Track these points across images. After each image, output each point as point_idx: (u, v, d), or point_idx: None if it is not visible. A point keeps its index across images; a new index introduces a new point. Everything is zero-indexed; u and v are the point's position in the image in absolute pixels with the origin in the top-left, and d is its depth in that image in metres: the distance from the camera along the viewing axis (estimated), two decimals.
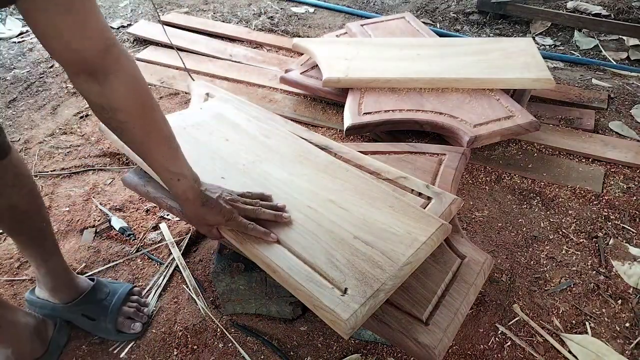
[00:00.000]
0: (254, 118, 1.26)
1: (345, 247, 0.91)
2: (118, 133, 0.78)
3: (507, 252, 1.29)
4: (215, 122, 1.24)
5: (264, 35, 2.27)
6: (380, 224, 0.95)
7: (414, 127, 1.50)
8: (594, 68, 2.11)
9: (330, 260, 0.88)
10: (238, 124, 1.24)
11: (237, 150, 1.14)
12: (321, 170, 1.08)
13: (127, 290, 1.13)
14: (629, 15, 2.41)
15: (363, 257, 0.88)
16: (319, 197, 1.01)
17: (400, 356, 1.07)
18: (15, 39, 2.24)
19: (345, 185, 1.04)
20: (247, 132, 1.21)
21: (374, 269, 0.87)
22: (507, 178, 1.51)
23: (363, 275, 0.85)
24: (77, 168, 1.56)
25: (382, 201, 1.01)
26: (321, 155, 1.13)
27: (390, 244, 0.91)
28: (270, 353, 1.07)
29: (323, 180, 1.06)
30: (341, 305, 0.81)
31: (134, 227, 1.36)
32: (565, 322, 1.13)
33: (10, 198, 0.92)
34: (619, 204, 1.41)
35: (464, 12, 2.54)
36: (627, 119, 1.75)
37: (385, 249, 0.90)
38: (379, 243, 0.91)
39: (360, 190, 1.03)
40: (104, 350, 1.07)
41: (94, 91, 0.71)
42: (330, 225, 0.95)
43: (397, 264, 0.87)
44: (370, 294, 0.83)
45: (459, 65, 1.63)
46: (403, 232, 0.94)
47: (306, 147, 1.16)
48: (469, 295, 0.98)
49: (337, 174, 1.07)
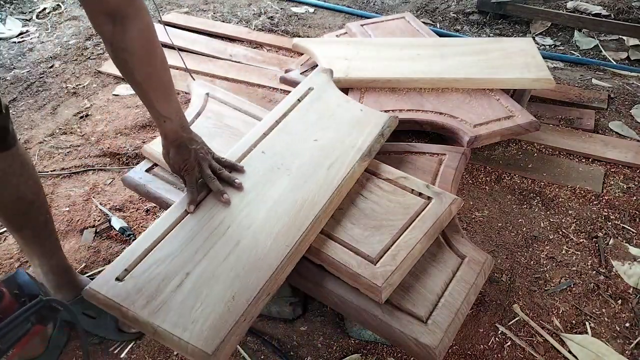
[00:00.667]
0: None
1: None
2: (122, 70, 0.88)
3: (507, 252, 1.29)
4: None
5: (264, 35, 2.27)
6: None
7: (414, 127, 1.50)
8: (594, 68, 2.11)
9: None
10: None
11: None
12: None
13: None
14: (629, 15, 2.41)
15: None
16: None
17: (400, 356, 1.07)
18: (15, 39, 2.24)
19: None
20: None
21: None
22: (507, 178, 1.51)
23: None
24: (77, 168, 1.56)
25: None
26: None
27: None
28: (270, 353, 1.07)
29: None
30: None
31: (134, 227, 1.36)
32: (565, 322, 1.13)
33: (18, 188, 0.94)
34: (619, 204, 1.41)
35: (464, 12, 2.54)
36: (627, 119, 1.75)
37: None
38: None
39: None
40: (104, 350, 1.07)
41: (108, 30, 0.81)
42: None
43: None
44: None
45: (459, 65, 1.63)
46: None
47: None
48: (469, 295, 0.98)
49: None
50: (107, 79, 1.99)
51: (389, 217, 1.07)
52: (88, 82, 1.96)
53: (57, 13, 2.46)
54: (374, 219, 1.07)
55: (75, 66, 2.05)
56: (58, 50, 2.15)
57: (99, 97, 1.88)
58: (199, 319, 0.83)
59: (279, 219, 0.99)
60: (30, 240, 1.03)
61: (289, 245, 0.94)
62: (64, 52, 2.14)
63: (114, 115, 1.78)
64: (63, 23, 2.37)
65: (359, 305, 0.97)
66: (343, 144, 1.17)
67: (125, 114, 1.77)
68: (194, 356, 0.80)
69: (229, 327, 0.82)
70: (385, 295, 0.94)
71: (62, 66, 2.05)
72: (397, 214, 1.08)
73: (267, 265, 0.91)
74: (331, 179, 1.08)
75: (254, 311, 0.86)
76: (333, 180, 1.08)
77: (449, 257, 1.05)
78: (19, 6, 2.50)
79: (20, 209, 0.96)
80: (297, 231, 0.97)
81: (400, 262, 0.97)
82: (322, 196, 1.04)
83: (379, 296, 0.93)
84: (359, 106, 1.31)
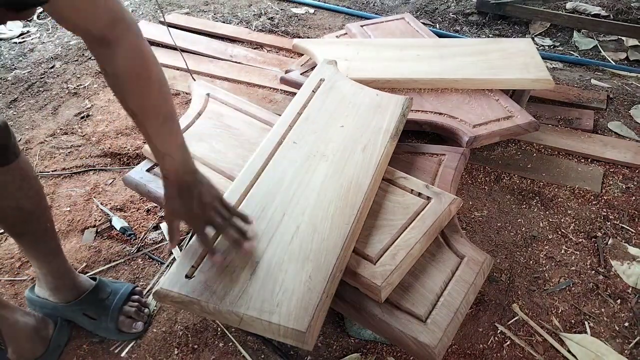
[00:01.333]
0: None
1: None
2: (116, 96, 0.83)
3: (506, 251, 1.29)
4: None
5: (264, 36, 2.27)
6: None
7: (413, 127, 1.51)
8: (593, 68, 2.11)
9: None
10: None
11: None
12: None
13: (129, 291, 1.13)
14: (628, 16, 2.42)
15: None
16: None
17: (400, 355, 1.07)
18: (17, 39, 2.25)
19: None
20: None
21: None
22: (506, 178, 1.51)
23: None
24: (78, 168, 1.56)
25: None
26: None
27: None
28: (271, 352, 1.07)
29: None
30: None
31: (135, 227, 1.36)
32: (565, 322, 1.14)
33: (17, 200, 0.92)
34: (617, 204, 1.42)
35: (463, 12, 2.55)
36: (626, 119, 1.75)
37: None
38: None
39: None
40: (105, 349, 1.08)
41: (99, 53, 0.78)
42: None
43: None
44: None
45: (458, 66, 1.64)
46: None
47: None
48: (468, 295, 0.99)
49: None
50: None
51: (389, 216, 1.08)
52: (89, 83, 1.97)
53: None
54: (373, 219, 1.07)
55: (76, 66, 2.06)
56: (59, 51, 2.16)
57: (99, 97, 1.88)
58: (282, 302, 0.87)
59: (331, 202, 1.04)
60: (31, 246, 1.02)
61: (348, 224, 0.99)
62: (64, 53, 2.15)
63: (115, 115, 1.78)
64: None
65: (358, 305, 0.97)
66: (369, 127, 1.23)
67: (126, 114, 1.77)
68: (288, 336, 0.84)
69: (315, 304, 0.86)
70: (384, 295, 0.95)
71: (63, 66, 2.06)
72: (396, 214, 1.08)
73: (333, 245, 0.95)
74: (368, 161, 1.14)
75: (332, 288, 0.90)
76: (371, 162, 1.14)
77: (448, 257, 1.06)
78: None
79: (20, 218, 0.95)
80: (352, 210, 1.02)
81: (400, 261, 0.98)
82: (365, 177, 1.10)
83: (378, 295, 0.94)
84: (374, 91, 1.37)
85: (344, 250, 0.95)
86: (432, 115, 1.50)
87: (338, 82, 1.39)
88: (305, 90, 1.35)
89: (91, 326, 1.09)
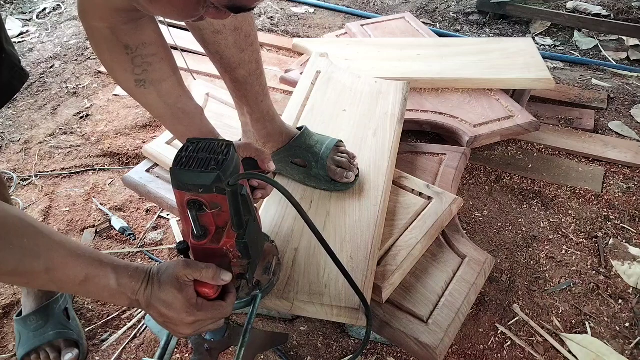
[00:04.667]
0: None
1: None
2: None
3: (507, 252, 1.29)
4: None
5: (264, 36, 2.26)
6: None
7: (414, 126, 1.51)
8: (593, 68, 2.11)
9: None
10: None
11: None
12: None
13: (336, 142, 1.09)
14: (629, 16, 2.41)
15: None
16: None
17: (400, 356, 1.07)
18: (16, 39, 2.24)
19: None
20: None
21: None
22: (507, 178, 1.51)
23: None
24: (78, 168, 1.56)
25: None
26: None
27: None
28: (271, 353, 1.07)
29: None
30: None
31: (134, 227, 1.36)
32: (565, 322, 1.13)
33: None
34: (618, 204, 1.42)
35: (463, 12, 2.54)
36: (626, 119, 1.75)
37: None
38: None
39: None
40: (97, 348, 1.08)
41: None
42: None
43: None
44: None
45: (458, 66, 1.63)
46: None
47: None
48: (469, 295, 0.98)
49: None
50: (108, 79, 1.99)
51: (389, 216, 1.08)
52: (88, 83, 1.96)
53: (57, 13, 2.46)
54: None
55: (75, 66, 2.05)
56: (58, 51, 2.15)
57: (99, 97, 1.88)
58: (329, 283, 0.89)
59: (355, 186, 1.07)
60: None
61: (375, 204, 1.04)
62: (64, 53, 2.14)
63: (114, 115, 1.78)
64: (63, 23, 2.37)
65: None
66: (375, 113, 1.27)
67: (125, 114, 1.77)
68: (342, 315, 0.86)
69: (362, 282, 0.89)
70: (386, 295, 0.94)
71: (63, 66, 2.05)
72: (397, 214, 1.08)
73: (366, 225, 0.99)
74: (382, 144, 1.18)
75: (373, 265, 0.94)
76: (384, 144, 1.17)
77: (449, 257, 1.06)
78: (19, 6, 2.50)
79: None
80: (377, 192, 1.07)
81: (401, 262, 0.97)
82: (382, 159, 1.13)
83: (379, 296, 0.94)
84: (371, 78, 1.41)
85: (377, 229, 0.98)
86: (432, 114, 1.49)
87: (335, 74, 1.42)
88: (304, 83, 1.37)
89: (301, 175, 1.06)
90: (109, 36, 0.75)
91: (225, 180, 0.64)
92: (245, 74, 0.98)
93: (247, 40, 0.94)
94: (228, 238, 0.70)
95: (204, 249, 0.70)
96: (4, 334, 1.11)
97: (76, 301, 1.17)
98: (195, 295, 0.69)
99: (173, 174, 0.66)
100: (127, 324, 1.13)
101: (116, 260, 0.68)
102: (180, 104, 0.86)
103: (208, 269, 0.69)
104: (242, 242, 0.69)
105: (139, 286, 0.67)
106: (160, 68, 0.81)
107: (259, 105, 1.03)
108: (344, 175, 1.05)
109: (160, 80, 0.82)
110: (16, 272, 0.58)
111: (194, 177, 0.64)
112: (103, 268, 0.65)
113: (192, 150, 0.68)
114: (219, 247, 0.70)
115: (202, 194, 0.66)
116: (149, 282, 0.68)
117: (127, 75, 0.79)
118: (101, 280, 0.64)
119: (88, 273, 0.63)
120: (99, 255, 0.66)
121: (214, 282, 0.69)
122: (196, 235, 0.70)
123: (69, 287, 0.64)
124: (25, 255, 0.58)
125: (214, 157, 0.66)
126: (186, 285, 0.68)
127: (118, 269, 0.66)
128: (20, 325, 1.04)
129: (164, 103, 0.85)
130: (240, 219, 0.67)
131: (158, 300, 0.67)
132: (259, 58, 0.99)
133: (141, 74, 0.79)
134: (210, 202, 0.67)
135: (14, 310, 1.15)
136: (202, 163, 0.65)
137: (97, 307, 1.17)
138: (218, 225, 0.70)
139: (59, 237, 0.63)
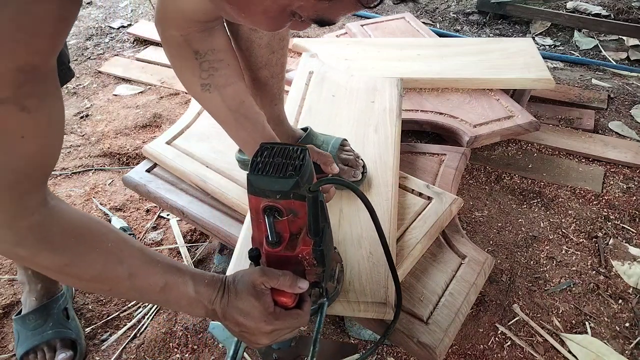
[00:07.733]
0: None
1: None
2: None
3: (507, 252, 1.29)
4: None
5: None
6: None
7: (414, 126, 1.51)
8: (593, 68, 2.11)
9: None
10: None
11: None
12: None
13: (341, 140, 1.09)
14: (629, 16, 2.41)
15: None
16: None
17: (400, 356, 1.07)
18: None
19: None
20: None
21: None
22: (507, 178, 1.51)
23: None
24: (78, 168, 1.56)
25: None
26: None
27: None
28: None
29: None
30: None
31: (134, 227, 1.36)
32: (565, 322, 1.13)
33: None
34: (618, 204, 1.42)
35: (463, 12, 2.54)
36: (626, 119, 1.75)
37: None
38: None
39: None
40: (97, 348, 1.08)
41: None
42: None
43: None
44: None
45: (458, 66, 1.63)
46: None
47: None
48: (469, 295, 0.98)
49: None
50: (107, 79, 1.99)
51: None
52: (88, 82, 1.96)
53: None
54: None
55: (75, 66, 2.05)
56: None
57: (99, 97, 1.88)
58: (353, 280, 0.89)
59: (364, 183, 1.07)
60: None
61: (387, 199, 1.04)
62: None
63: (114, 115, 1.78)
64: None
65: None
66: (374, 110, 1.27)
67: (125, 114, 1.77)
68: (369, 310, 0.86)
69: (385, 276, 0.89)
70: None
71: None
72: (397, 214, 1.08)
73: (380, 220, 0.96)
74: (384, 139, 1.18)
75: (393, 259, 0.91)
76: (387, 140, 1.18)
77: (449, 257, 1.06)
78: None
79: None
80: (386, 187, 1.06)
81: (401, 262, 0.97)
82: (387, 154, 1.14)
83: None
84: (364, 77, 1.41)
85: (392, 224, 0.99)
86: (432, 114, 1.49)
87: (328, 73, 1.43)
88: (298, 84, 1.37)
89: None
90: (182, 43, 0.78)
91: (303, 186, 0.63)
92: (268, 75, 0.98)
93: (281, 43, 0.95)
94: (304, 245, 0.68)
95: (279, 256, 0.68)
96: (4, 334, 1.11)
97: (76, 301, 1.17)
98: (272, 303, 0.67)
99: (250, 180, 0.64)
100: (127, 324, 1.13)
101: (192, 268, 0.68)
102: (242, 110, 0.87)
103: (285, 276, 0.67)
104: (318, 250, 0.68)
105: (215, 294, 0.66)
106: (226, 73, 0.83)
107: (272, 108, 1.03)
108: (352, 173, 1.06)
109: (224, 85, 0.84)
110: (100, 278, 0.59)
111: (272, 183, 0.63)
112: (181, 275, 0.65)
113: (267, 156, 0.66)
114: (294, 254, 0.68)
115: (279, 200, 0.65)
116: (225, 291, 0.67)
117: (194, 79, 0.82)
118: (180, 287, 0.64)
119: (167, 280, 0.63)
120: (176, 263, 0.66)
121: (291, 290, 0.67)
122: (271, 242, 0.68)
123: (150, 295, 0.64)
124: (109, 260, 0.58)
125: (291, 162, 0.64)
126: (263, 294, 0.66)
127: (195, 276, 0.66)
128: (19, 325, 1.04)
129: (226, 108, 0.86)
130: (317, 226, 0.66)
131: (235, 309, 0.66)
132: (285, 62, 1.00)
133: (207, 78, 0.82)
134: (286, 209, 0.66)
135: (14, 310, 1.15)
136: (279, 168, 0.64)
137: (97, 307, 1.17)
138: (292, 231, 0.69)
139: (137, 243, 0.64)
